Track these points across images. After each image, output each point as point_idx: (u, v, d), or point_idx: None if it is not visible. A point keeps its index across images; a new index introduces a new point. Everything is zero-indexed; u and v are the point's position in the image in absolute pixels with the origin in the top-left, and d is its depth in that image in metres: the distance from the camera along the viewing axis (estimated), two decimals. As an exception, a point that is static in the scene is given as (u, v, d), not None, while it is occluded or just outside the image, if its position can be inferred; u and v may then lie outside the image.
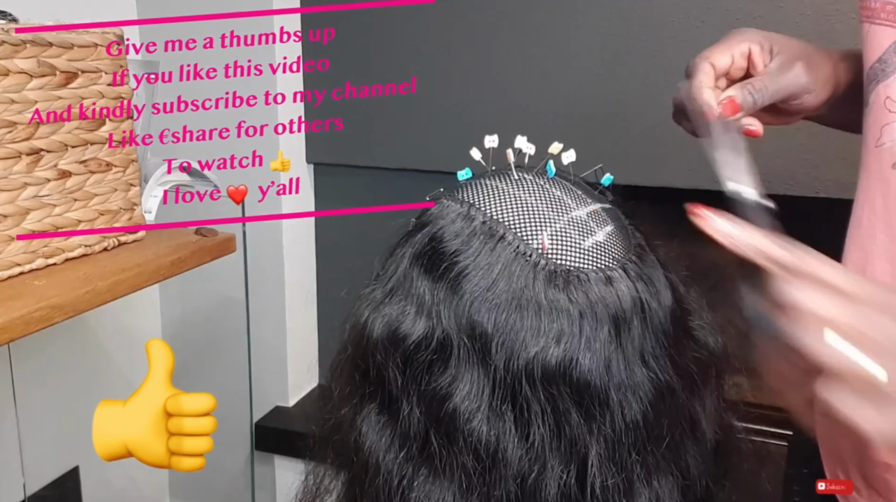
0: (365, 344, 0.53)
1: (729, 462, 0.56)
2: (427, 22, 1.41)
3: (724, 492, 0.55)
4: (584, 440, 0.48)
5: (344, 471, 0.57)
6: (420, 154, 1.46)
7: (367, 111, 1.48)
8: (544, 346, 0.48)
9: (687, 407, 0.52)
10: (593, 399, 0.48)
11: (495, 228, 0.51)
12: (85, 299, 0.85)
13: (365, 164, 1.53)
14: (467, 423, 0.49)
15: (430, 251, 0.52)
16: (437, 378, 0.50)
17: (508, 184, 0.55)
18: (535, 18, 1.34)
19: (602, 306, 0.49)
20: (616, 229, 0.54)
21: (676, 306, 0.53)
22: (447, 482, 0.49)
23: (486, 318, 0.49)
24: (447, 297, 0.50)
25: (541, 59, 1.35)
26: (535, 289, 0.49)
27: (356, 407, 0.54)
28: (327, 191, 1.60)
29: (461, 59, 1.40)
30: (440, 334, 0.50)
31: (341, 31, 1.46)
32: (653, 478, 0.50)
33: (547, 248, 0.51)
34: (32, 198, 0.87)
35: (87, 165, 0.92)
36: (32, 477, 1.35)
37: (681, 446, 0.52)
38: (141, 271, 0.93)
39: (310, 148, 1.55)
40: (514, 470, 0.49)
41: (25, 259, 0.87)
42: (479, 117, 1.40)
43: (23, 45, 0.82)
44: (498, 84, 1.39)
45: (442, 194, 0.56)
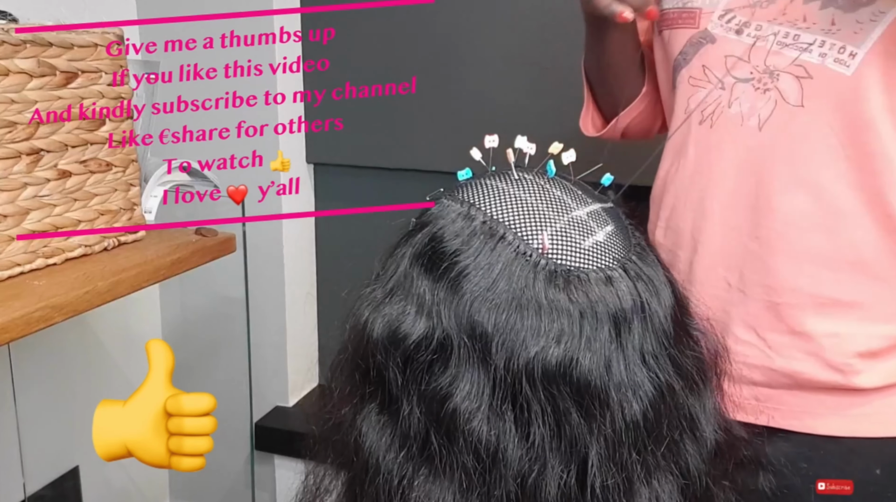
0: (365, 343, 0.53)
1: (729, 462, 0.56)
2: (427, 22, 1.41)
3: (723, 492, 0.55)
4: (584, 440, 0.48)
5: (344, 471, 0.57)
6: (420, 154, 1.46)
7: (367, 111, 1.48)
8: (544, 346, 0.48)
9: (687, 406, 0.52)
10: (593, 398, 0.48)
11: (495, 228, 0.51)
12: (85, 299, 0.85)
13: (365, 164, 1.53)
14: (467, 423, 0.49)
15: (430, 251, 0.52)
16: (437, 378, 0.50)
17: (509, 183, 0.55)
18: (536, 19, 1.34)
19: (602, 306, 0.49)
20: (616, 229, 0.54)
21: (676, 306, 0.53)
22: (447, 482, 0.49)
23: (487, 318, 0.49)
24: (447, 297, 0.50)
25: (541, 60, 1.35)
26: (535, 288, 0.49)
27: (356, 407, 0.54)
28: (327, 191, 1.60)
29: (461, 59, 1.40)
30: (440, 334, 0.50)
31: (341, 31, 1.46)
32: (653, 478, 0.50)
33: (547, 248, 0.51)
34: (32, 198, 0.87)
35: (87, 165, 0.92)
36: (32, 477, 1.35)
37: (681, 446, 0.52)
38: (141, 271, 0.93)
39: (310, 148, 1.55)
40: (515, 469, 0.49)
41: (25, 259, 0.87)
42: (479, 117, 1.40)
43: (23, 45, 0.82)
44: (498, 84, 1.39)
45: (442, 194, 0.56)
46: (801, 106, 0.76)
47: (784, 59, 0.77)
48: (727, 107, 0.80)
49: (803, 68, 0.76)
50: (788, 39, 0.77)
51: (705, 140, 0.82)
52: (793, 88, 0.77)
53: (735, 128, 0.80)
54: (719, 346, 0.57)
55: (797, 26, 0.76)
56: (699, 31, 0.82)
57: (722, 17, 0.81)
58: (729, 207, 0.81)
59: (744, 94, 0.79)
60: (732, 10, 0.80)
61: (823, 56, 0.75)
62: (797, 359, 0.79)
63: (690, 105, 0.83)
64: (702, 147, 0.83)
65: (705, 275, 0.83)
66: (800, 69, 0.76)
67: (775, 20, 0.77)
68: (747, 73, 0.79)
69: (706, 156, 0.82)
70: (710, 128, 0.81)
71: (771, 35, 0.77)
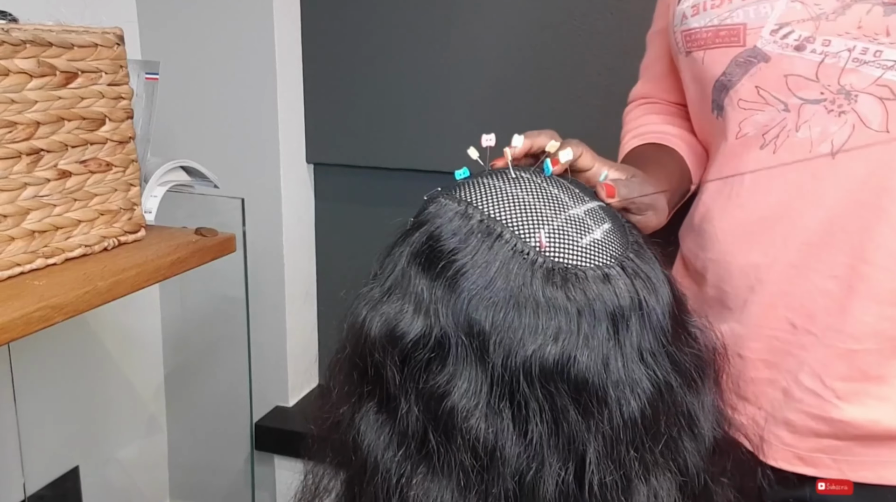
0: (363, 342, 0.53)
1: (727, 459, 0.56)
2: (428, 22, 1.41)
3: (722, 489, 0.55)
4: (582, 437, 0.48)
5: (343, 470, 0.57)
6: (420, 154, 1.46)
7: (367, 111, 1.48)
8: (542, 344, 0.48)
9: (685, 404, 0.52)
10: (591, 396, 0.48)
11: (493, 226, 0.51)
12: (85, 299, 0.85)
13: (365, 164, 1.53)
14: (465, 421, 0.49)
15: (427, 249, 0.52)
16: (435, 376, 0.50)
17: (506, 182, 0.55)
18: (536, 20, 1.34)
19: (600, 303, 0.49)
20: (613, 227, 0.54)
21: (674, 303, 0.53)
22: (445, 480, 0.50)
23: (484, 316, 0.49)
24: (445, 296, 0.50)
25: (541, 60, 1.35)
26: (532, 286, 0.49)
27: (354, 406, 0.54)
28: (327, 191, 1.60)
29: (461, 60, 1.40)
30: (438, 332, 0.50)
31: (342, 31, 1.46)
32: (651, 475, 0.50)
33: (544, 246, 0.51)
34: (32, 198, 0.87)
35: (87, 165, 0.92)
36: (32, 477, 1.35)
37: (679, 443, 0.52)
38: (141, 271, 0.93)
39: (310, 148, 1.55)
40: (513, 467, 0.49)
41: (25, 259, 0.87)
42: (479, 117, 1.40)
43: (23, 45, 0.82)
44: (497, 84, 1.39)
45: (439, 193, 0.56)
46: (885, 131, 0.69)
47: (863, 79, 0.68)
48: (794, 131, 0.72)
49: (888, 88, 0.68)
50: (868, 56, 0.68)
51: (766, 167, 0.74)
52: (875, 111, 0.69)
53: (803, 155, 0.71)
54: (717, 344, 0.57)
55: (878, 41, 0.67)
56: (746, 48, 0.73)
57: (775, 31, 0.71)
58: (802, 242, 0.72)
59: (814, 116, 0.71)
60: (789, 24, 0.71)
61: None
62: (870, 407, 0.72)
63: (744, 130, 0.75)
64: (762, 174, 0.74)
65: (763, 313, 0.74)
66: (884, 89, 0.68)
67: (847, 34, 0.68)
68: (817, 93, 0.70)
69: (767, 184, 0.74)
70: (773, 153, 0.73)
71: (845, 51, 0.68)
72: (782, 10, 0.71)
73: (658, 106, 0.93)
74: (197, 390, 1.64)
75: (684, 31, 0.78)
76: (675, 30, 0.80)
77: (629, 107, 0.97)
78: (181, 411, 1.67)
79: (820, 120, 0.70)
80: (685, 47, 0.79)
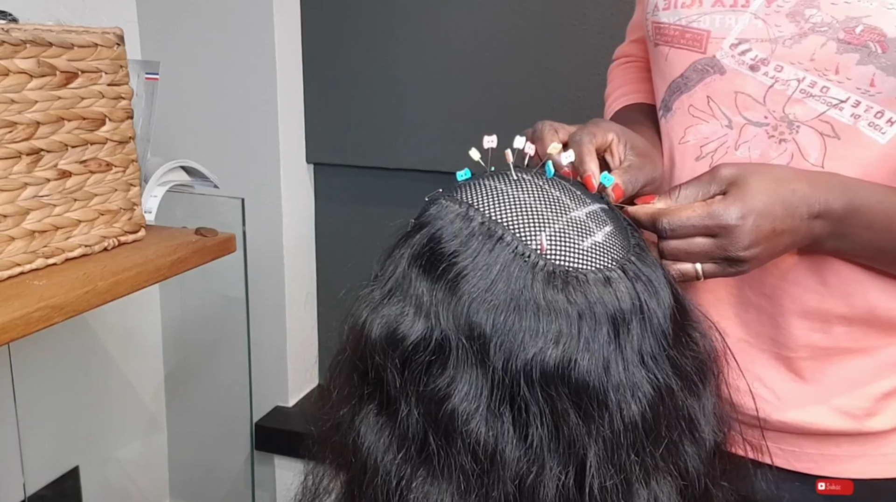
0: (363, 344, 0.53)
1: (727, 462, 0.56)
2: (428, 22, 1.41)
3: (722, 493, 0.55)
4: (582, 441, 0.48)
5: (343, 472, 0.57)
6: (420, 154, 1.46)
7: (367, 111, 1.48)
8: (543, 347, 0.48)
9: (686, 407, 0.52)
10: (592, 400, 0.48)
11: (494, 229, 0.51)
12: (85, 299, 0.85)
13: (365, 164, 1.53)
14: (466, 424, 0.49)
15: (428, 252, 0.52)
16: (435, 379, 0.50)
17: (507, 184, 0.55)
18: (536, 20, 1.34)
19: (601, 307, 0.49)
20: (615, 229, 0.54)
21: (676, 306, 0.53)
22: (445, 483, 0.49)
23: (485, 319, 0.49)
24: (445, 298, 0.50)
25: (541, 61, 1.35)
26: (533, 289, 0.49)
27: (355, 408, 0.54)
28: (327, 191, 1.60)
29: (461, 60, 1.40)
30: (438, 335, 0.50)
31: (342, 31, 1.46)
32: (651, 479, 0.50)
33: (545, 249, 0.50)
34: (32, 198, 0.87)
35: (87, 165, 0.92)
36: (32, 477, 1.35)
37: (679, 447, 0.52)
38: (141, 271, 0.93)
39: (310, 148, 1.55)
40: (513, 471, 0.48)
41: (25, 259, 0.87)
42: (479, 117, 1.40)
43: (23, 45, 0.82)
44: (498, 84, 1.39)
45: (440, 195, 0.56)
46: (820, 167, 0.69)
47: (808, 111, 0.69)
48: (734, 149, 0.72)
49: (830, 125, 0.68)
50: (815, 90, 0.68)
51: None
52: (814, 145, 0.69)
53: None
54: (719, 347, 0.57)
55: (827, 77, 0.67)
56: (705, 56, 0.73)
57: (735, 46, 0.71)
58: None
59: (755, 138, 0.71)
60: (748, 41, 0.70)
61: (856, 118, 0.67)
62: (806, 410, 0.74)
63: (687, 137, 0.75)
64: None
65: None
66: (826, 125, 0.68)
67: (800, 64, 0.68)
68: (761, 116, 0.71)
69: None
70: (708, 167, 0.72)
71: (794, 80, 0.69)
72: (744, 26, 0.71)
73: (642, 63, 0.93)
74: (197, 390, 1.64)
75: (654, 22, 0.78)
76: (647, 17, 0.79)
77: (614, 64, 0.98)
78: (181, 411, 1.67)
79: (760, 143, 0.71)
80: (654, 38, 0.79)
